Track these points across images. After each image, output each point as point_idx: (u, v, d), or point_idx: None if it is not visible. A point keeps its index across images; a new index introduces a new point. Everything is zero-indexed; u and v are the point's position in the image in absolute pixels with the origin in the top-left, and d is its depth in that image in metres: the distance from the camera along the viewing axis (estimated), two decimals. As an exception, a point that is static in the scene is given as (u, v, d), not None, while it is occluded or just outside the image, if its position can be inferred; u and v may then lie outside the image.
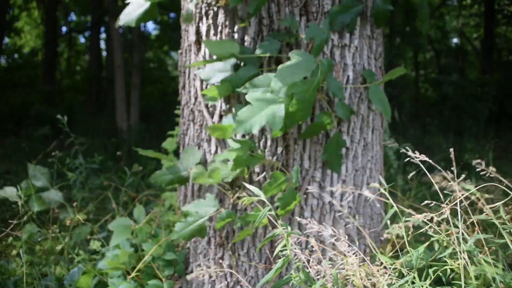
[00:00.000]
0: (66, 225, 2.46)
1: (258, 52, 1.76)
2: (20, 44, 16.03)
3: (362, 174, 1.94)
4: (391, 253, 1.83)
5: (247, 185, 1.27)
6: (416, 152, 1.30)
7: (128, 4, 1.74)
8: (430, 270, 1.14)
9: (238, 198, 1.90)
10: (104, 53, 15.12)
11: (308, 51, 1.82)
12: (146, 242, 2.02)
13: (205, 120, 1.98)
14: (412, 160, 1.29)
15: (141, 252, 2.03)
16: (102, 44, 15.27)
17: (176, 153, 3.05)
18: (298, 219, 1.48)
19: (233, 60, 1.81)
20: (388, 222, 1.37)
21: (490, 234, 1.20)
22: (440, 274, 1.12)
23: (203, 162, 2.00)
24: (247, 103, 1.85)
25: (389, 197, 1.27)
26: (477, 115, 8.20)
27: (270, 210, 1.23)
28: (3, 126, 9.26)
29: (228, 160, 1.81)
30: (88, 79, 13.80)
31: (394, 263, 1.17)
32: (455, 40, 15.72)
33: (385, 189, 1.31)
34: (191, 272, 2.03)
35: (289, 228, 1.17)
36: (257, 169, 1.87)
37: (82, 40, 18.06)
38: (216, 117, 1.95)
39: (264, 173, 1.85)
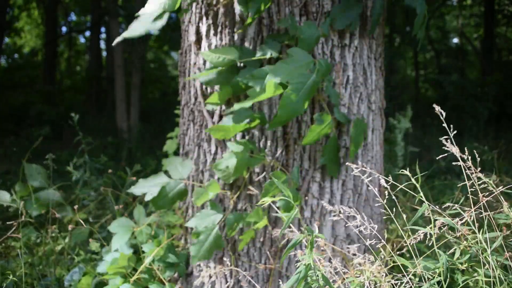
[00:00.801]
0: (66, 225, 2.46)
1: (258, 54, 1.76)
2: (20, 44, 16.02)
3: (362, 174, 1.94)
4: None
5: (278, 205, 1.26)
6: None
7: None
8: (459, 278, 1.11)
9: (238, 198, 1.89)
10: (104, 53, 15.11)
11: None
12: (147, 243, 2.01)
13: (205, 120, 1.98)
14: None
15: (141, 254, 2.03)
16: (102, 44, 15.26)
17: (176, 154, 3.05)
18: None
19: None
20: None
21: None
22: (470, 283, 1.10)
23: (203, 162, 2.00)
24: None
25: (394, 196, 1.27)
26: (477, 115, 8.20)
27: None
28: (3, 126, 9.26)
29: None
30: (88, 79, 13.80)
31: (415, 267, 1.15)
32: (455, 40, 15.72)
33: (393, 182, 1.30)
34: (191, 272, 2.03)
35: (316, 229, 1.14)
36: (257, 169, 1.87)
37: (82, 40, 18.06)
38: (216, 117, 1.94)
39: (264, 173, 1.85)
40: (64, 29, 16.45)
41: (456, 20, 14.51)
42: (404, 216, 1.22)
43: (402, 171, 1.16)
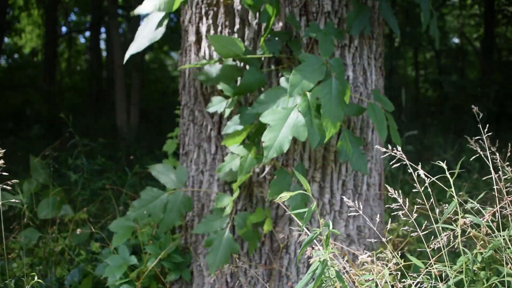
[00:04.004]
0: (67, 225, 2.46)
1: (259, 52, 1.76)
2: (20, 44, 16.02)
3: (362, 174, 1.94)
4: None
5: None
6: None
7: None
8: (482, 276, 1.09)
9: (238, 198, 1.89)
10: (104, 53, 15.11)
11: (308, 51, 1.82)
12: (148, 244, 2.01)
13: (205, 120, 1.98)
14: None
15: (142, 254, 2.03)
16: (102, 44, 15.26)
17: (176, 154, 3.04)
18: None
19: (231, 62, 1.81)
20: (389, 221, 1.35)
21: None
22: (499, 284, 1.08)
23: (203, 162, 2.00)
24: (250, 104, 1.85)
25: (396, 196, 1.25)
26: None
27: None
28: (3, 126, 9.26)
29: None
30: (88, 79, 13.80)
31: (427, 267, 1.13)
32: (455, 40, 15.73)
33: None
34: (191, 272, 2.03)
35: (330, 224, 1.10)
36: (256, 170, 1.87)
37: (82, 40, 18.06)
38: (216, 117, 1.95)
39: (264, 173, 1.85)
40: (64, 29, 16.46)
41: (456, 20, 14.51)
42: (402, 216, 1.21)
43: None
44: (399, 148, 1.21)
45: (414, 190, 1.18)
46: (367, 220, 1.97)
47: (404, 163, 1.17)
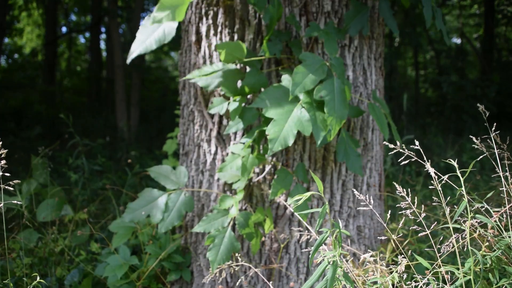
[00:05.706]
0: (66, 225, 2.45)
1: (261, 53, 1.76)
2: (21, 44, 16.02)
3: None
4: (394, 253, 1.83)
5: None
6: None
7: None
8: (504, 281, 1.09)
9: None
10: (104, 53, 15.11)
11: (309, 51, 1.82)
12: (148, 244, 2.01)
13: (205, 120, 1.98)
14: (411, 160, 1.27)
15: (143, 254, 2.03)
16: (102, 44, 15.26)
17: (176, 155, 3.04)
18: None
19: (231, 66, 1.80)
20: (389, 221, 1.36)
21: None
22: (508, 286, 1.07)
23: (203, 162, 2.00)
24: (250, 104, 1.84)
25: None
26: (477, 115, 8.19)
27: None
28: (3, 126, 9.25)
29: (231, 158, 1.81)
30: (88, 79, 13.80)
31: (433, 267, 1.13)
32: (454, 39, 15.72)
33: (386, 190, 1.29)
34: (191, 272, 2.03)
35: (340, 223, 1.10)
36: (256, 170, 1.87)
37: (82, 40, 18.05)
38: (216, 118, 1.95)
39: (264, 173, 1.85)
40: (64, 29, 16.46)
41: (456, 20, 14.51)
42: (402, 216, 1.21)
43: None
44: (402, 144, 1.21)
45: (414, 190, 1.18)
46: (367, 220, 1.97)
47: (404, 163, 1.17)
